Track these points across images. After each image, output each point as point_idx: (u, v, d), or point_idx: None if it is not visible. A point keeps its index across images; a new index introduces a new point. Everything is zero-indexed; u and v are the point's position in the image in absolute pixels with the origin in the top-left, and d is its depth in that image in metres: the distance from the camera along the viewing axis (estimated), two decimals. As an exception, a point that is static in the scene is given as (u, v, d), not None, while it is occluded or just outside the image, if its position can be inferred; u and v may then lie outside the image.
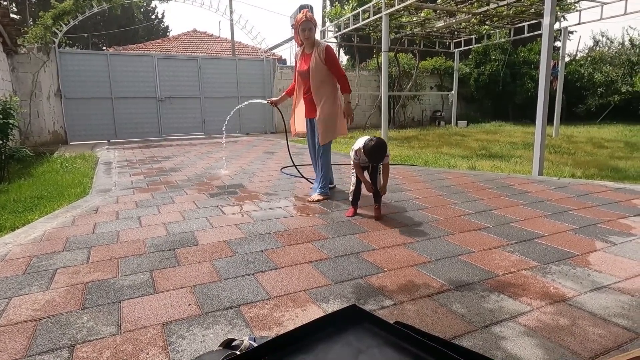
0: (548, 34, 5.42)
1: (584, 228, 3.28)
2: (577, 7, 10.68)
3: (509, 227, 3.35)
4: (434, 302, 2.12)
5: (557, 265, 2.57)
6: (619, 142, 9.77)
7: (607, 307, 2.03)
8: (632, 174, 5.74)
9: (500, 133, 12.56)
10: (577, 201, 4.13)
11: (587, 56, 17.87)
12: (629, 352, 1.67)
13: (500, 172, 6.11)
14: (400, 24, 12.14)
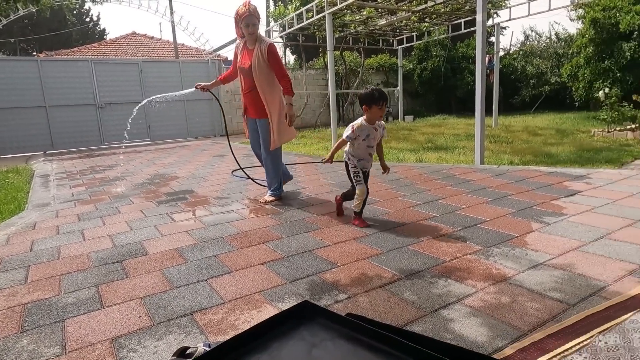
0: (481, 30, 5.72)
1: (522, 211, 3.50)
2: (507, 4, 11.33)
3: (454, 215, 3.51)
4: (386, 292, 2.18)
5: (499, 247, 2.73)
6: (551, 130, 10.49)
7: (543, 283, 2.19)
8: (563, 159, 6.18)
9: (444, 126, 13.09)
10: (515, 186, 4.40)
11: (520, 50, 19.01)
12: (562, 322, 1.82)
13: (445, 163, 6.38)
14: (344, 22, 12.31)
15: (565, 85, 14.49)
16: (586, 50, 12.15)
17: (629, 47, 11.12)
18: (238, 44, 4.21)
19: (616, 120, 9.36)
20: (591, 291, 2.07)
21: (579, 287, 2.12)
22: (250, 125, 4.38)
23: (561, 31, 18.28)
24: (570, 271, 2.31)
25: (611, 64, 11.46)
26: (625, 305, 1.93)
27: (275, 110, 4.07)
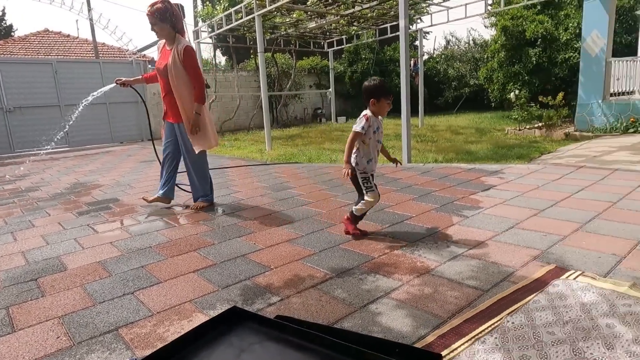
0: (404, 35, 6.01)
1: (444, 206, 3.74)
2: (428, 10, 11.99)
3: (383, 212, 3.66)
4: (318, 292, 2.23)
5: (423, 241, 2.90)
6: (471, 129, 11.27)
7: (461, 272, 2.37)
8: (481, 155, 6.68)
9: (375, 126, 13.54)
10: (439, 183, 4.68)
11: (442, 54, 20.20)
12: (477, 307, 1.98)
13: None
14: (274, 24, 12.31)
15: (482, 87, 15.63)
16: (499, 55, 13.21)
17: (535, 53, 12.27)
18: (159, 44, 4.05)
19: (526, 119, 10.28)
20: (502, 277, 2.28)
21: (492, 274, 2.32)
22: (167, 129, 4.11)
23: (478, 37, 19.71)
24: (485, 260, 2.52)
25: (520, 68, 12.56)
26: (530, 287, 2.15)
27: (190, 114, 3.88)
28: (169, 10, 3.72)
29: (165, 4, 3.72)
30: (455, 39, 21.43)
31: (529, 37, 12.28)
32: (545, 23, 12.26)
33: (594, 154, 6.02)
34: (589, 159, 5.64)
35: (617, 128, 8.19)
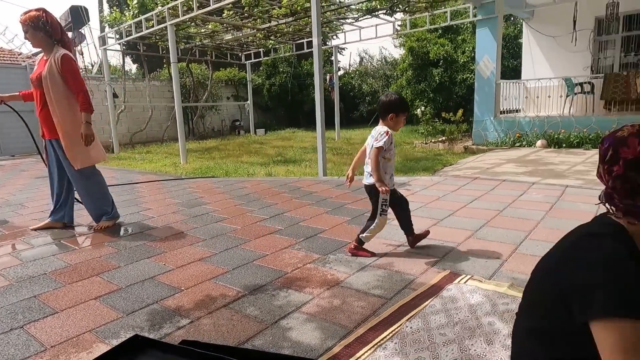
0: (317, 52, 6.23)
1: (355, 218, 3.93)
2: (342, 28, 12.53)
3: (297, 226, 3.74)
4: (229, 311, 2.23)
5: (334, 254, 3.02)
6: (383, 142, 11.93)
7: (368, 282, 2.51)
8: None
9: (294, 139, 13.74)
10: (352, 196, 4.90)
11: (356, 70, 21.16)
12: (380, 315, 2.12)
13: (293, 176, 6.72)
14: (188, 34, 12.00)
15: (393, 103, 16.65)
16: (407, 73, 14.20)
17: (438, 73, 13.40)
18: (40, 56, 3.76)
19: (431, 133, 11.15)
20: (404, 284, 2.46)
21: (396, 282, 2.50)
22: (48, 148, 3.78)
23: (388, 56, 20.99)
24: (390, 269, 2.70)
25: (426, 86, 13.62)
26: (428, 293, 2.35)
27: (67, 127, 3.59)
28: (42, 18, 3.47)
29: (40, 12, 3.48)
30: (369, 56, 22.63)
31: (432, 58, 13.38)
32: (446, 46, 13.47)
33: (487, 166, 6.71)
34: (482, 171, 6.28)
35: (506, 142, 9.22)
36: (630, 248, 1.04)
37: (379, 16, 10.51)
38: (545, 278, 1.17)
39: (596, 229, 1.11)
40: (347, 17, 10.99)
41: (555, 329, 1.10)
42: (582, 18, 9.52)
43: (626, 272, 0.97)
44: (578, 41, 9.99)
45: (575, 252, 1.09)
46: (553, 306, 1.09)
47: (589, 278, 1.00)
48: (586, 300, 0.99)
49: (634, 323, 0.92)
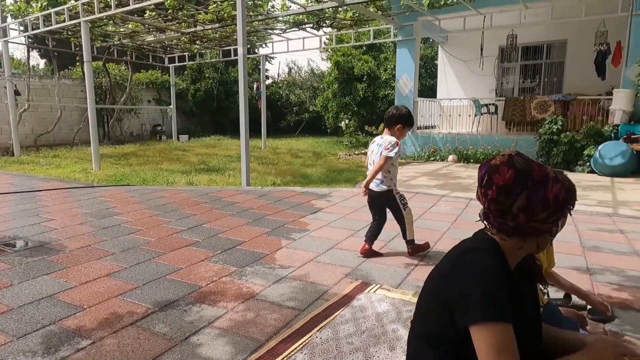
0: (242, 61, 6.20)
1: (275, 230, 3.95)
2: (270, 39, 12.59)
3: (216, 238, 3.68)
4: (136, 329, 2.13)
5: (252, 266, 3.02)
6: (310, 152, 12.11)
7: (283, 294, 2.55)
8: (315, 179, 7.25)
9: (219, 146, 13.45)
10: (274, 206, 4.92)
11: (284, 80, 21.31)
12: (292, 326, 2.16)
13: (215, 185, 6.58)
14: (105, 32, 11.29)
15: (320, 114, 17.01)
16: (333, 86, 14.61)
17: (362, 87, 13.95)
18: None
19: (354, 145, 11.55)
20: (318, 295, 2.53)
21: (310, 293, 2.56)
22: None
23: (316, 68, 21.43)
24: (305, 280, 2.76)
25: (350, 100, 14.11)
26: (339, 303, 2.44)
27: None
28: None
29: None
30: (297, 67, 22.90)
31: (357, 73, 13.92)
32: (370, 62, 14.10)
33: (404, 179, 7.11)
34: (399, 183, 6.61)
35: (422, 156, 9.85)
36: (501, 261, 1.19)
37: (306, 29, 10.74)
38: (433, 288, 1.29)
39: (475, 244, 1.26)
40: (274, 28, 11.07)
41: (442, 334, 1.22)
42: (488, 46, 10.51)
43: (497, 283, 1.11)
44: (485, 66, 11.00)
45: (456, 265, 1.22)
46: (440, 313, 1.21)
47: (467, 288, 1.12)
48: (465, 308, 1.11)
49: (503, 326, 1.06)
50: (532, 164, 1.18)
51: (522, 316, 1.19)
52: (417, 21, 9.80)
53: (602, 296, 2.50)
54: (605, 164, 7.05)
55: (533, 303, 1.32)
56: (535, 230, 1.16)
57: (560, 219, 1.18)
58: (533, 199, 1.13)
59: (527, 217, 1.14)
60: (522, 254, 1.24)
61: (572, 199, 1.18)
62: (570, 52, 10.46)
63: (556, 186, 1.15)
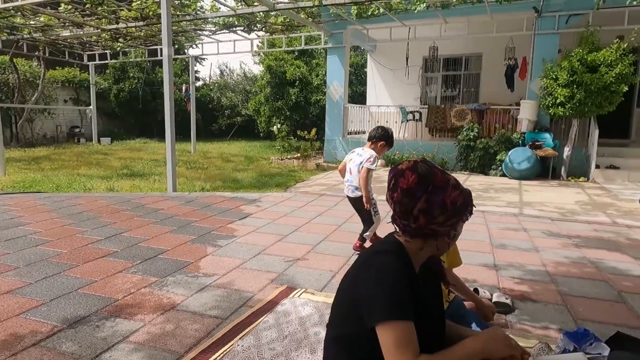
0: (167, 62, 5.97)
1: (201, 237, 3.85)
2: (200, 39, 12.24)
3: (136, 247, 3.50)
4: (40, 350, 1.96)
5: (174, 276, 2.91)
6: (241, 157, 11.94)
7: (206, 303, 2.49)
8: (246, 184, 7.16)
9: (144, 150, 12.80)
10: (200, 213, 4.78)
11: (215, 83, 20.81)
12: (214, 336, 2.11)
13: (139, 191, 6.26)
14: (12, 24, 10.29)
15: (252, 118, 16.84)
16: (265, 90, 14.54)
17: (294, 92, 14.03)
18: None
19: (287, 149, 11.58)
20: (242, 302, 2.50)
21: (234, 300, 2.53)
22: None
23: (248, 71, 21.20)
24: (230, 288, 2.72)
25: (283, 104, 14.13)
26: (264, 309, 2.43)
27: None
28: None
29: None
30: (229, 70, 22.48)
31: (289, 78, 13.99)
32: (302, 68, 14.23)
33: (334, 183, 7.26)
34: (329, 188, 6.77)
35: (352, 161, 10.13)
36: (405, 262, 1.26)
37: (237, 32, 10.59)
38: (344, 291, 1.34)
39: (382, 247, 1.32)
40: (204, 29, 10.80)
41: (354, 335, 1.27)
42: (413, 56, 11.08)
43: (400, 283, 1.18)
44: (410, 75, 11.59)
45: (364, 267, 1.27)
46: (351, 315, 1.26)
47: (373, 289, 1.18)
48: (371, 308, 1.16)
49: (404, 324, 1.13)
50: (435, 171, 1.27)
51: (426, 313, 1.27)
52: (346, 29, 10.08)
53: (505, 289, 2.74)
54: (514, 168, 7.73)
55: (437, 301, 1.42)
56: (435, 233, 1.25)
57: (458, 223, 1.27)
58: (432, 203, 1.22)
59: (426, 219, 1.23)
60: (424, 255, 1.32)
61: (468, 206, 1.29)
62: (485, 65, 11.35)
63: (455, 192, 1.24)
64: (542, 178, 7.81)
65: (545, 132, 8.24)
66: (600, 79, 6.92)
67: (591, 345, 1.61)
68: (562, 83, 7.30)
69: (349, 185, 3.47)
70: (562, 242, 3.86)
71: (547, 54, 8.12)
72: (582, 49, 7.28)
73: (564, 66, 7.31)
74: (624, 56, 6.96)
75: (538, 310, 2.45)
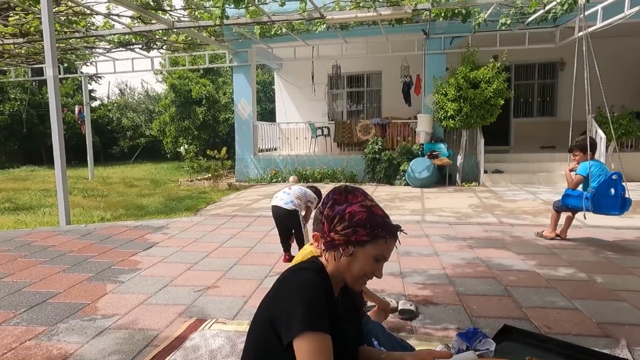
0: (53, 84, 5.46)
1: (100, 273, 3.53)
2: (92, 58, 11.39)
3: (20, 294, 3.09)
4: None
5: (66, 322, 2.62)
6: (147, 180, 11.26)
7: (104, 349, 2.27)
8: (152, 210, 6.75)
9: (32, 179, 11.48)
10: (99, 247, 4.39)
11: (114, 102, 19.48)
12: (113, 386, 1.93)
13: (24, 227, 5.58)
14: None
15: (158, 139, 16.02)
16: (170, 110, 13.96)
17: (201, 111, 13.66)
18: None
19: (196, 170, 11.19)
20: (146, 343, 2.33)
21: (137, 342, 2.34)
22: None
23: (150, 90, 20.19)
24: (132, 328, 2.52)
25: (190, 124, 13.67)
26: (171, 346, 2.29)
27: None
28: None
29: None
30: (130, 89, 21.21)
31: (195, 96, 13.60)
32: (208, 86, 13.94)
33: (246, 203, 7.15)
34: (241, 208, 6.65)
35: (265, 179, 10.09)
36: (324, 279, 1.27)
37: (134, 50, 10.06)
38: (261, 312, 1.30)
39: (302, 265, 1.33)
40: (97, 47, 10.08)
41: (268, 356, 1.24)
42: (318, 74, 11.46)
43: (317, 296, 1.19)
44: (317, 92, 11.94)
45: (281, 284, 1.27)
46: (267, 336, 1.23)
47: (290, 304, 1.18)
48: (288, 323, 1.16)
49: (321, 336, 1.13)
50: (355, 190, 1.34)
51: (342, 337, 1.29)
52: (251, 48, 10.11)
53: (410, 295, 2.90)
54: (415, 177, 8.31)
55: (353, 328, 1.44)
56: (332, 241, 1.28)
57: (352, 236, 1.29)
58: (335, 210, 1.28)
59: (328, 225, 1.27)
60: (339, 275, 1.33)
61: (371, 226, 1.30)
62: (385, 82, 12.12)
63: (359, 208, 1.29)
64: (440, 185, 8.49)
65: (440, 142, 9.01)
66: (482, 94, 7.78)
67: (480, 342, 1.76)
68: (451, 98, 8.06)
69: (287, 199, 3.67)
70: (458, 245, 4.21)
71: (437, 72, 8.93)
72: (465, 67, 8.13)
73: (452, 83, 8.10)
74: (499, 74, 7.91)
75: (439, 313, 2.64)
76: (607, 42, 9.16)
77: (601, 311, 2.62)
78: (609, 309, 2.66)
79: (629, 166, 7.49)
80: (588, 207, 3.93)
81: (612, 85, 7.95)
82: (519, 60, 10.81)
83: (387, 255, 1.29)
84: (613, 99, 6.83)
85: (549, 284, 3.11)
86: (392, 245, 1.29)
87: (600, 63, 4.44)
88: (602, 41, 8.17)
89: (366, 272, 1.28)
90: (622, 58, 10.12)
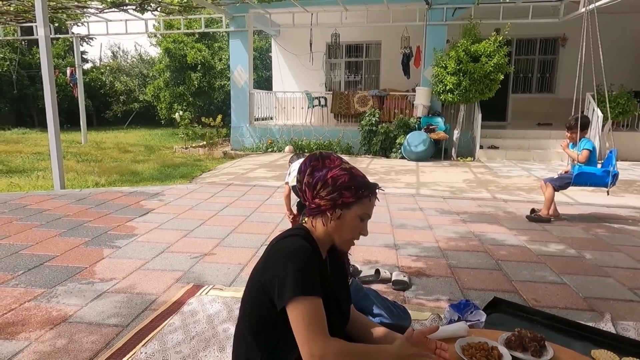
0: (45, 44, 5.31)
1: (96, 238, 3.55)
2: (85, 18, 11.03)
3: (17, 256, 3.12)
4: None
5: (64, 285, 2.65)
6: (141, 146, 11.15)
7: (103, 312, 2.32)
8: (147, 176, 6.72)
9: (24, 142, 11.33)
10: (94, 211, 4.40)
11: (107, 66, 19.02)
12: (113, 346, 1.99)
13: (18, 190, 5.55)
14: None
15: (152, 104, 15.76)
16: (164, 75, 13.67)
17: (196, 77, 13.40)
18: None
19: (191, 137, 11.09)
20: (144, 307, 2.38)
21: (135, 305, 2.39)
22: None
23: (144, 53, 19.70)
24: (131, 292, 2.56)
25: (185, 90, 13.43)
26: (170, 311, 2.34)
27: None
28: None
29: None
30: (122, 51, 20.68)
31: (190, 61, 13.30)
32: (203, 51, 13.61)
33: (242, 172, 7.15)
34: (237, 177, 6.65)
35: (261, 148, 10.04)
36: (312, 245, 1.30)
37: (128, 12, 9.75)
38: (254, 279, 1.33)
39: (289, 232, 1.35)
40: (88, 7, 9.75)
41: (263, 323, 1.27)
42: (316, 42, 11.21)
43: (307, 261, 1.22)
44: (315, 61, 11.73)
45: (271, 252, 1.29)
46: (260, 302, 1.26)
47: (281, 270, 1.20)
48: (281, 286, 1.18)
49: (313, 299, 1.16)
50: (330, 155, 1.34)
51: (334, 299, 1.33)
52: (248, 13, 9.83)
53: (403, 267, 2.96)
54: (411, 151, 8.31)
55: (343, 289, 1.48)
56: (319, 207, 1.29)
57: (338, 200, 1.30)
58: (316, 177, 1.29)
59: (311, 192, 1.29)
60: (327, 240, 1.36)
61: (359, 189, 1.32)
62: (384, 53, 11.91)
63: (339, 172, 1.29)
64: (435, 159, 8.51)
65: (437, 116, 8.96)
66: (482, 68, 7.68)
67: (471, 313, 1.82)
68: (451, 71, 7.96)
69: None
70: (451, 219, 4.27)
71: (437, 44, 8.77)
72: (466, 40, 7.99)
73: (452, 55, 7.97)
74: (500, 48, 7.79)
75: (431, 284, 2.70)
76: (610, 19, 9.02)
77: (588, 286, 2.70)
78: (596, 285, 2.74)
79: (624, 146, 7.54)
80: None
81: (613, 64, 7.89)
82: (521, 34, 10.64)
83: (370, 213, 1.33)
84: (613, 78, 6.79)
85: (539, 259, 3.18)
86: (374, 203, 1.33)
87: (602, 40, 4.39)
88: (604, 17, 8.05)
89: (354, 232, 1.32)
90: (624, 35, 9.99)
